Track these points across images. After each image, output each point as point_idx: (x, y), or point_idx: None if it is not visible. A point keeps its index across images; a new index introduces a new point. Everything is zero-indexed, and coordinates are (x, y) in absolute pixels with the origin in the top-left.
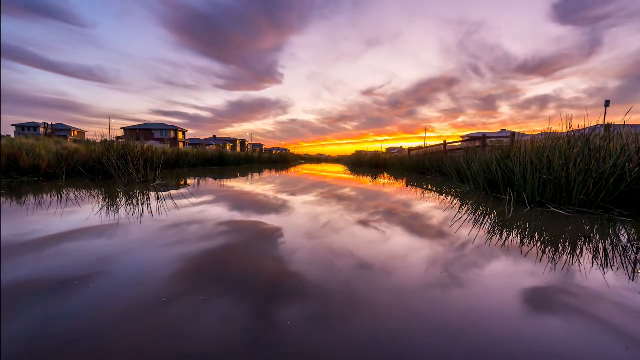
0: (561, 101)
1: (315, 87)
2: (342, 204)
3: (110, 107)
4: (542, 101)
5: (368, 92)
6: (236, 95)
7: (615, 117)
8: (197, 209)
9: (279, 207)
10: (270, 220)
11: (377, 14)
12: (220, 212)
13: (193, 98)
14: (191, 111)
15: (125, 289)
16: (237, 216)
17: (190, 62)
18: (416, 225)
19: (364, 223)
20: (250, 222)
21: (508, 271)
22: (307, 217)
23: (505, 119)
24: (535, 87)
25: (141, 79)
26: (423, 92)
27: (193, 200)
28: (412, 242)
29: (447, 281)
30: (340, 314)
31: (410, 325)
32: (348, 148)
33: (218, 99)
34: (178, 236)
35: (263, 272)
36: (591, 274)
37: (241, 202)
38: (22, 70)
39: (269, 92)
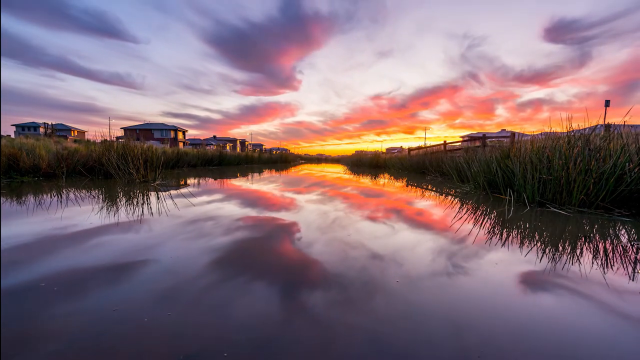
0: (554, 104)
1: (325, 92)
2: (345, 203)
3: (129, 110)
4: (536, 104)
5: (376, 97)
6: (251, 100)
7: (600, 120)
8: (206, 208)
9: (285, 205)
10: (280, 216)
11: (392, 29)
12: (226, 211)
13: (209, 102)
14: (202, 113)
15: (159, 278)
16: (243, 214)
17: (213, 69)
18: (416, 224)
19: (366, 222)
20: (260, 219)
21: (507, 270)
22: (313, 214)
23: (501, 120)
24: (531, 93)
25: (163, 84)
26: (426, 97)
27: (203, 199)
28: (412, 240)
29: (447, 279)
30: (358, 292)
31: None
32: (348, 148)
33: (232, 102)
34: (195, 232)
35: (282, 261)
36: (591, 273)
37: (247, 201)
38: (60, 77)
39: (284, 97)
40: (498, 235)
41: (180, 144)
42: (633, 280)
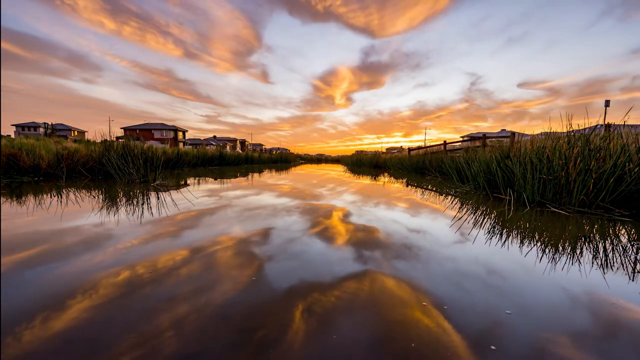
0: (529, 114)
1: (356, 107)
2: (346, 203)
3: (180, 117)
4: (515, 115)
5: (393, 113)
6: (292, 112)
7: (561, 124)
8: (219, 203)
9: (289, 203)
10: (284, 214)
11: (431, 70)
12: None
13: (254, 113)
14: (237, 120)
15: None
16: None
17: (278, 91)
18: (414, 224)
19: (365, 225)
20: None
21: (507, 270)
22: (317, 207)
23: (486, 126)
24: (515, 109)
25: (230, 100)
26: (434, 113)
27: (210, 197)
28: (411, 241)
29: (447, 278)
30: (402, 247)
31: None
32: (348, 148)
33: (274, 114)
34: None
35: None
36: (591, 273)
37: (252, 199)
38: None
39: (325, 112)
40: (498, 234)
41: (180, 144)
42: (633, 280)
